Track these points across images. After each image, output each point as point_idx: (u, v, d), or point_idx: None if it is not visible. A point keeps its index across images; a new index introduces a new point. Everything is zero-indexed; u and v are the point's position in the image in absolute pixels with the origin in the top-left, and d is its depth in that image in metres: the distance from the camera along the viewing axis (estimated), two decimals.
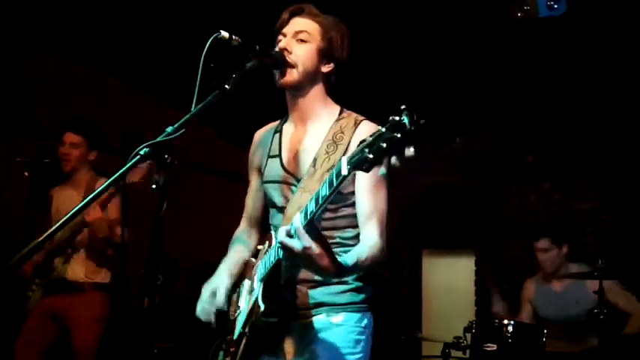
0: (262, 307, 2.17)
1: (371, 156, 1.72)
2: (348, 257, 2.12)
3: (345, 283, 2.29)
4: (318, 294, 2.28)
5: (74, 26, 5.37)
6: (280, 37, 2.36)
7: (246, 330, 2.25)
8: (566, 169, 6.26)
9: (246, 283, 2.41)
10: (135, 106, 6.25)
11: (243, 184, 2.70)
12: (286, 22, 2.36)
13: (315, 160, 2.30)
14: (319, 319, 2.28)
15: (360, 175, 2.22)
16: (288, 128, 2.46)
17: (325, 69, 2.38)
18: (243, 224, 2.66)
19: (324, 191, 1.90)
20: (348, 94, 2.49)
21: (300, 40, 2.33)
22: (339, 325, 2.27)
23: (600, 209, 6.04)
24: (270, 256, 2.21)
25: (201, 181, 6.41)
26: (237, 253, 2.55)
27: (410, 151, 1.70)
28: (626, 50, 5.16)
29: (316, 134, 2.35)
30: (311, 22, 2.36)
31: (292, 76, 2.31)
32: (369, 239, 2.22)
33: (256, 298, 2.21)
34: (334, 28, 2.38)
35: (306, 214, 1.95)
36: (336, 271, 2.03)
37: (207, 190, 6.59)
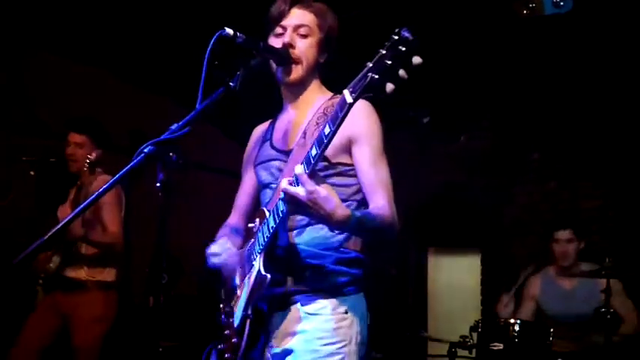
0: (268, 277, 2.12)
1: (377, 76, 1.72)
2: (356, 211, 2.11)
3: (323, 266, 2.23)
4: (296, 279, 2.23)
5: (77, 26, 5.38)
6: (279, 29, 2.35)
7: (249, 312, 2.20)
8: (571, 168, 6.23)
9: (239, 269, 2.35)
10: (139, 104, 6.26)
11: None
12: (285, 14, 2.35)
13: (305, 132, 2.29)
14: (295, 309, 2.23)
15: (360, 148, 2.24)
16: (281, 116, 2.49)
17: (322, 59, 2.41)
18: (233, 216, 2.64)
19: (328, 129, 1.89)
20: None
21: (302, 35, 2.33)
22: (314, 314, 2.21)
23: (606, 207, 6.01)
24: (267, 225, 2.16)
25: (204, 180, 6.41)
26: (231, 236, 2.52)
27: (417, 59, 1.70)
28: (632, 48, 5.14)
29: (307, 113, 2.36)
30: (309, 13, 2.36)
31: (298, 72, 2.33)
32: (376, 204, 2.20)
33: (258, 271, 2.16)
34: (329, 17, 2.40)
35: (308, 159, 1.94)
36: (344, 218, 2.00)
37: (211, 189, 6.58)
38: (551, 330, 4.35)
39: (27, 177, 4.69)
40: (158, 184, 1.91)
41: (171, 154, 1.91)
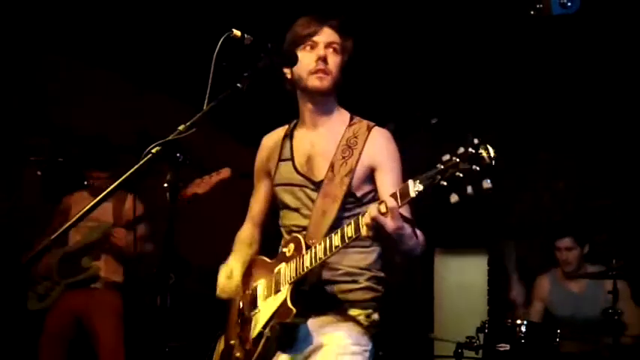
0: (294, 311, 2.20)
1: (445, 183, 1.80)
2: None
3: (357, 282, 2.36)
4: (330, 292, 2.35)
5: (88, 28, 5.39)
6: (310, 42, 2.40)
7: (267, 330, 2.28)
8: (579, 168, 6.21)
9: (263, 282, 2.43)
10: (147, 105, 6.27)
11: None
12: (319, 31, 2.41)
13: (332, 165, 2.37)
14: (328, 315, 2.34)
15: (383, 175, 2.37)
16: (299, 133, 2.52)
17: (340, 81, 2.46)
18: (248, 225, 2.72)
19: (383, 208, 1.96)
20: (356, 98, 2.53)
21: (334, 51, 2.41)
22: (345, 319, 2.34)
23: (614, 208, 5.99)
24: (302, 262, 2.22)
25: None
26: (245, 250, 2.64)
27: (487, 184, 1.74)
28: None
29: (329, 138, 2.43)
30: (339, 36, 2.44)
31: (327, 82, 2.40)
32: None
33: (284, 301, 2.23)
34: (350, 42, 2.48)
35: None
36: (419, 252, 2.20)
37: (218, 189, 6.58)
38: (558, 331, 4.34)
39: (34, 176, 4.73)
40: (165, 185, 1.92)
41: (178, 154, 1.91)
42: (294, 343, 2.34)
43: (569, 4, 4.23)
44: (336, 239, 2.11)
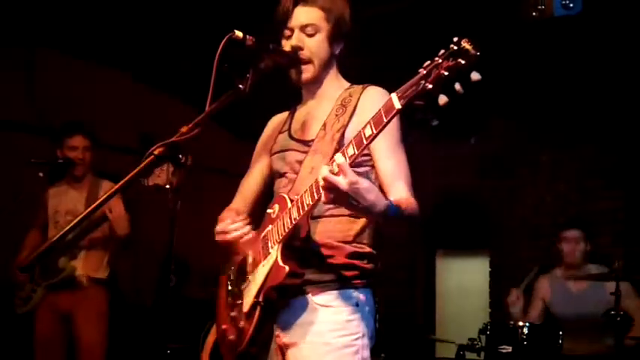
0: (287, 269, 2.07)
1: (430, 86, 1.68)
2: (392, 201, 2.05)
3: (333, 257, 2.20)
4: (315, 267, 2.20)
5: (89, 26, 5.39)
6: (287, 32, 2.34)
7: (261, 299, 2.14)
8: (581, 169, 6.21)
9: (251, 252, 2.29)
10: (149, 106, 6.27)
11: None
12: (290, 15, 2.32)
13: (325, 124, 2.28)
14: (304, 299, 2.20)
15: (378, 139, 2.11)
16: (300, 107, 2.48)
17: (336, 50, 2.38)
18: (236, 204, 2.56)
19: (369, 130, 1.85)
20: None
21: (309, 34, 2.31)
22: (324, 306, 2.18)
23: (616, 210, 5.98)
24: (290, 215, 2.10)
25: (210, 181, 6.41)
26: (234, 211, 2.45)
27: (476, 75, 1.66)
28: None
29: (326, 104, 2.35)
30: (314, 9, 2.31)
31: (310, 72, 2.33)
32: (400, 194, 2.16)
33: (276, 261, 2.11)
34: (338, 5, 2.35)
35: (343, 155, 1.89)
36: (384, 208, 1.96)
37: (217, 190, 6.56)
38: (561, 333, 4.33)
39: (36, 179, 4.71)
40: (167, 186, 1.91)
41: (180, 155, 1.90)
42: (288, 318, 2.21)
43: (571, 5, 4.22)
44: (307, 197, 2.01)
